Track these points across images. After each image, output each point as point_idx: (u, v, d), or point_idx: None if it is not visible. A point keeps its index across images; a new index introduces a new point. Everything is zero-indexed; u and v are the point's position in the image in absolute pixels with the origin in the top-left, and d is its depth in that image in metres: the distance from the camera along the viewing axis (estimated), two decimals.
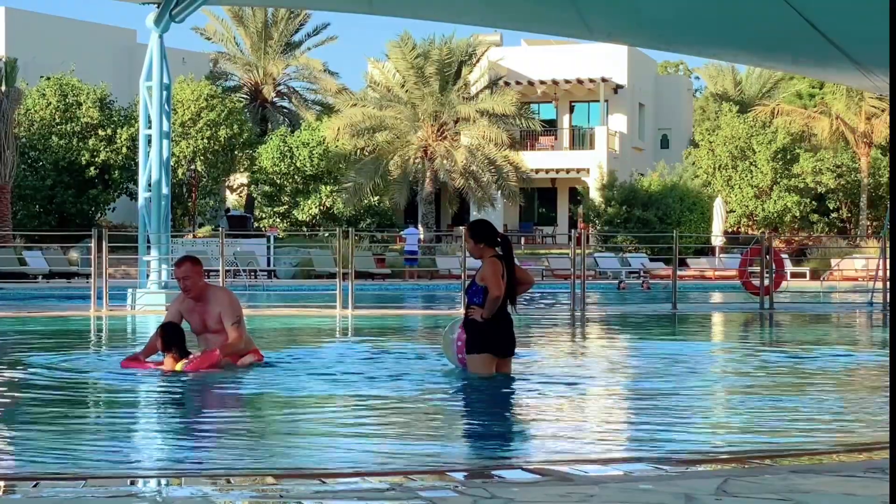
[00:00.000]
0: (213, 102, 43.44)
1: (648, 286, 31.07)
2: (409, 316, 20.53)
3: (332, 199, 47.38)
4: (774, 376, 10.17)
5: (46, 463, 5.80)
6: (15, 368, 9.98)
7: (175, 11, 19.79)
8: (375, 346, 12.71)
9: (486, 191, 46.37)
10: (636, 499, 4.48)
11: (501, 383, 8.81)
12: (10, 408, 7.93)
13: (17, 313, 18.61)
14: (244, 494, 4.66)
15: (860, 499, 4.44)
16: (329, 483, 4.88)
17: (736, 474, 5.09)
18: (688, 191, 48.10)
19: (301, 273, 36.07)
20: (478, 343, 8.89)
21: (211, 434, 6.96)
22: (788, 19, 12.33)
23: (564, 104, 55.71)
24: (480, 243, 8.93)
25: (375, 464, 5.85)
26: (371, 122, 46.54)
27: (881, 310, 21.39)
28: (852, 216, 50.73)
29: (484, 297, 8.81)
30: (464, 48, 47.50)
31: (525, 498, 4.46)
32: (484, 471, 5.64)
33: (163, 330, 9.46)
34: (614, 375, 10.26)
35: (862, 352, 13.09)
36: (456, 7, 17.17)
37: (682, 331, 16.91)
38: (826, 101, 51.68)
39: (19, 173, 39.09)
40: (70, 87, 41.90)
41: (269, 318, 18.03)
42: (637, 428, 7.27)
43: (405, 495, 4.54)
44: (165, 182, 20.34)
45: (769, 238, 23.97)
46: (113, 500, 4.46)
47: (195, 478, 5.19)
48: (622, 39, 25.46)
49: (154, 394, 8.69)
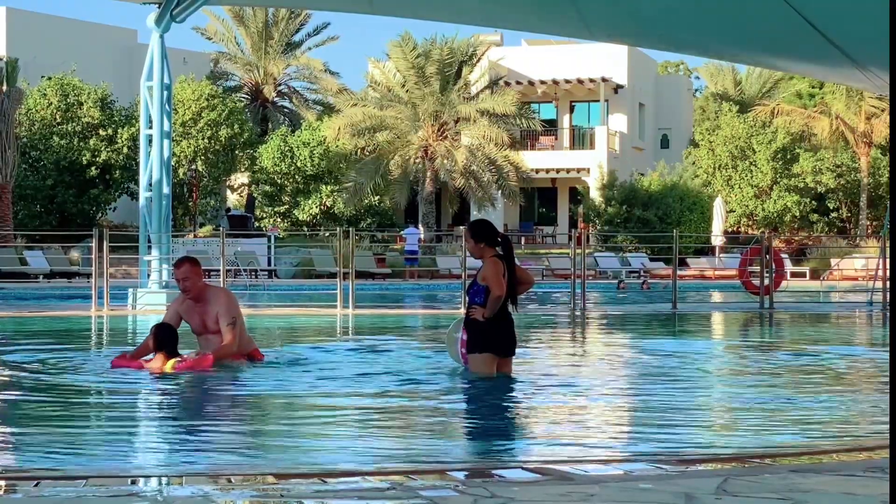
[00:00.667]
0: (213, 102, 43.45)
1: (648, 286, 31.10)
2: (410, 315, 20.55)
3: (333, 198, 47.41)
4: (774, 376, 10.20)
5: (47, 462, 5.81)
6: (15, 368, 9.97)
7: (176, 11, 19.78)
8: (376, 346, 12.73)
9: (486, 190, 46.39)
10: (636, 498, 4.49)
11: (502, 383, 8.82)
12: (11, 407, 7.93)
13: (18, 313, 18.65)
14: (245, 494, 4.66)
15: (860, 498, 4.45)
16: (330, 482, 4.88)
17: (736, 473, 5.10)
18: (688, 190, 48.13)
19: (301, 273, 36.08)
20: (479, 343, 8.91)
21: (212, 433, 6.97)
22: (788, 19, 12.35)
23: (565, 104, 55.73)
24: (481, 243, 8.95)
25: (376, 463, 5.86)
26: (371, 121, 46.56)
27: (881, 309, 21.43)
28: (852, 216, 50.74)
29: (485, 297, 8.82)
30: (464, 48, 47.50)
31: (525, 497, 4.47)
32: (484, 470, 5.64)
33: (156, 330, 9.48)
34: (614, 375, 10.28)
35: (861, 351, 13.11)
36: (456, 7, 17.18)
37: (682, 330, 16.93)
38: (826, 100, 51.69)
39: (20, 173, 39.10)
40: (71, 86, 41.90)
41: (269, 318, 18.07)
42: (637, 427, 7.28)
43: (406, 494, 4.55)
44: (166, 182, 20.34)
45: (769, 238, 24.00)
46: (114, 499, 4.46)
47: (196, 477, 5.19)
48: (622, 39, 25.48)
49: (155, 393, 8.70)
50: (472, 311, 8.94)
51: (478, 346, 8.92)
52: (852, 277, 34.14)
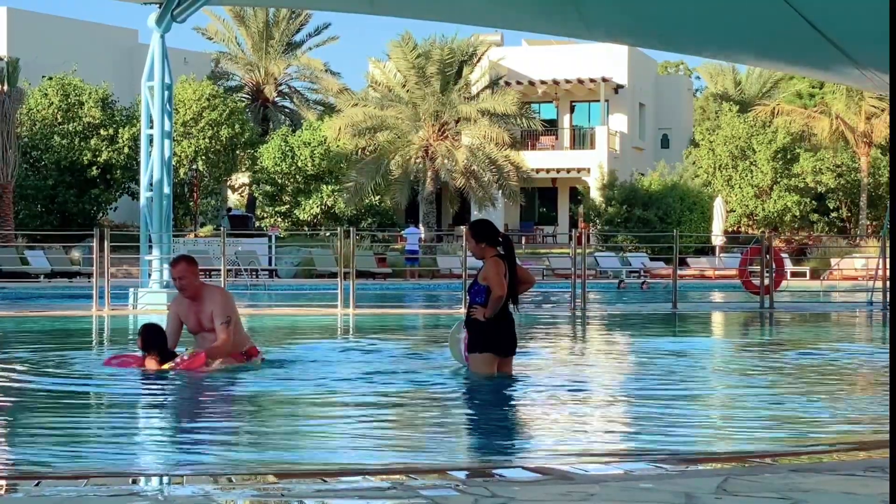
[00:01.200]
0: (214, 102, 43.48)
1: (647, 286, 31.13)
2: (410, 315, 20.59)
3: (334, 198, 47.44)
4: (774, 375, 10.21)
5: (48, 462, 5.82)
6: (16, 368, 9.98)
7: (177, 12, 19.80)
8: (376, 346, 12.75)
9: (486, 190, 46.42)
10: (637, 497, 4.51)
11: (502, 383, 8.83)
12: (11, 407, 7.94)
13: (19, 313, 18.68)
14: (245, 493, 4.68)
15: (860, 497, 4.47)
16: (330, 482, 4.90)
17: (736, 473, 5.12)
18: (688, 190, 48.15)
19: (302, 272, 36.12)
20: (479, 343, 8.94)
21: (212, 433, 6.99)
22: (788, 19, 12.36)
23: (565, 104, 55.74)
24: (482, 243, 8.97)
25: (377, 462, 5.87)
26: (372, 121, 46.58)
27: (881, 309, 21.46)
28: (852, 216, 50.77)
29: (486, 297, 8.85)
30: (465, 48, 47.51)
31: (526, 496, 4.49)
32: (485, 469, 5.66)
33: (143, 331, 9.48)
34: (614, 374, 10.30)
35: (861, 351, 13.13)
36: (457, 7, 17.19)
37: (682, 330, 16.96)
38: (826, 100, 51.71)
39: (21, 173, 39.15)
40: (72, 86, 41.92)
41: (270, 318, 18.10)
42: (637, 427, 7.29)
43: (406, 494, 4.57)
44: (167, 182, 20.37)
45: (769, 237, 24.04)
46: (114, 498, 4.48)
47: (197, 476, 5.20)
48: (622, 39, 25.50)
49: (155, 393, 8.71)
50: (472, 311, 8.95)
51: (478, 345, 8.95)
52: (852, 277, 34.14)
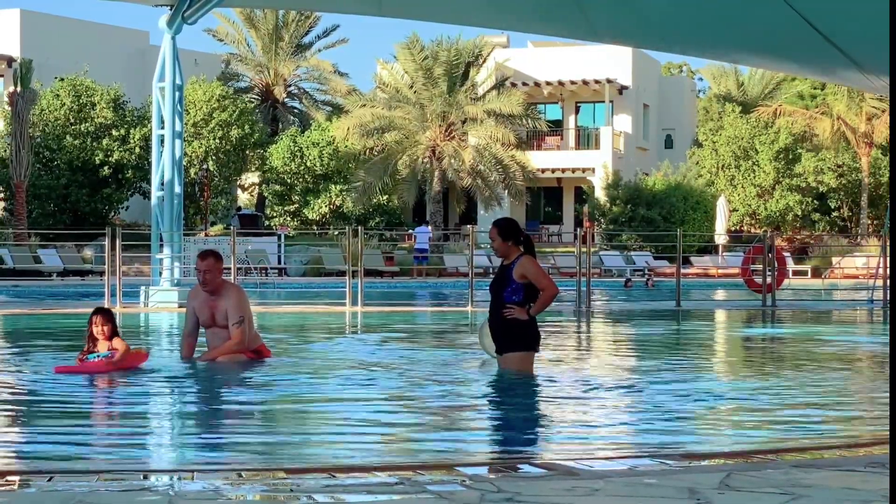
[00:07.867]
0: (224, 103, 43.76)
1: (653, 284, 31.37)
2: (418, 313, 20.67)
3: (342, 198, 47.67)
4: (776, 372, 10.32)
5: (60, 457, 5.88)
6: (29, 365, 10.04)
7: (187, 13, 19.78)
8: (383, 343, 12.86)
9: (493, 190, 46.68)
10: (641, 493, 4.55)
11: (508, 380, 8.88)
12: (24, 403, 8.03)
13: (32, 310, 18.82)
14: (255, 488, 4.68)
15: (861, 493, 4.51)
16: (339, 477, 4.92)
17: (739, 469, 5.15)
18: (691, 190, 48.32)
19: (311, 271, 36.26)
20: (526, 341, 8.95)
21: (222, 429, 7.08)
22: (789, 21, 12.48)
23: (570, 105, 55.89)
24: (508, 241, 8.90)
25: (384, 458, 5.95)
26: (380, 122, 46.80)
27: (881, 307, 21.63)
28: (853, 215, 50.95)
29: (524, 295, 8.83)
30: (471, 49, 47.64)
31: (531, 492, 4.54)
32: (491, 465, 5.69)
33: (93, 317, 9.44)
34: (619, 371, 10.32)
35: (861, 349, 13.23)
36: (463, 9, 17.26)
37: (685, 328, 17.04)
38: (827, 101, 51.84)
39: (34, 172, 39.47)
40: (84, 87, 42.19)
41: (279, 315, 18.24)
42: (641, 423, 7.32)
43: (413, 489, 4.61)
44: (178, 181, 20.38)
45: (771, 237, 24.19)
46: (126, 493, 4.52)
47: (207, 472, 5.20)
48: (627, 41, 25.71)
49: (164, 391, 8.74)
50: (508, 312, 8.84)
51: (523, 344, 8.94)
52: (853, 276, 34.28)
